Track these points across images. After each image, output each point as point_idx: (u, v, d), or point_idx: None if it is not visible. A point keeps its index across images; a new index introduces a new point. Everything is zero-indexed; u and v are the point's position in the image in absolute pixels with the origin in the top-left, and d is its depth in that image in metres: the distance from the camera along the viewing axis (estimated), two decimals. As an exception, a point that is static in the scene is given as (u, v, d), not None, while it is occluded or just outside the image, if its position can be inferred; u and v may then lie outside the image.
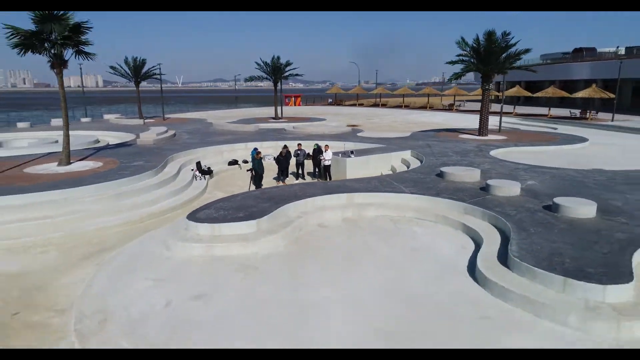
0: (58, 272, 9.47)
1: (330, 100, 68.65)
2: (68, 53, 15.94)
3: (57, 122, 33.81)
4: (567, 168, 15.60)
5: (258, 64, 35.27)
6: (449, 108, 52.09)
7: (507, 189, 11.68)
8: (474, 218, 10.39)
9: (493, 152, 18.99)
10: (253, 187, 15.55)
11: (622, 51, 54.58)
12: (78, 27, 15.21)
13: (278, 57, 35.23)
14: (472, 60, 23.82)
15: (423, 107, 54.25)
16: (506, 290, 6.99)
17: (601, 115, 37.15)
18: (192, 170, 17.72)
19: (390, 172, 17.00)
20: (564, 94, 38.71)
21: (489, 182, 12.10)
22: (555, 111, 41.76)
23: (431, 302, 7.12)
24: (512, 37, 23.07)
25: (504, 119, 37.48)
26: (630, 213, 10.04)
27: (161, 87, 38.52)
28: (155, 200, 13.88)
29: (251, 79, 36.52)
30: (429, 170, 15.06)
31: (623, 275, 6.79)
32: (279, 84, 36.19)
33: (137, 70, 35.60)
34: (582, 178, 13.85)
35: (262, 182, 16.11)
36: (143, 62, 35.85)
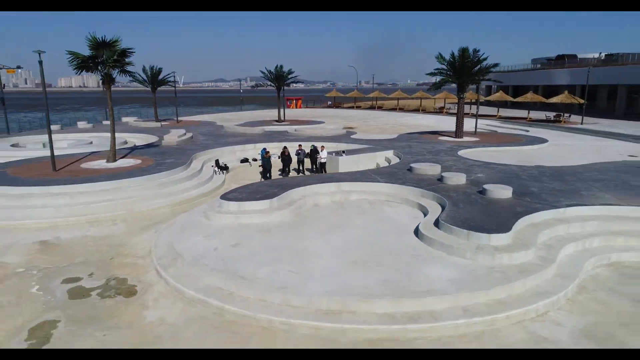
0: (130, 236, 13.47)
1: (329, 102, 72.68)
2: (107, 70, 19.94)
3: (82, 124, 37.90)
4: (513, 164, 19.57)
5: (263, 72, 39.27)
6: (440, 111, 55.99)
7: (456, 179, 15.65)
8: (426, 199, 14.35)
9: (461, 152, 22.95)
10: (262, 179, 19.55)
11: (604, 57, 58.45)
12: (124, 52, 19.22)
13: (281, 66, 39.28)
14: (449, 72, 27.77)
15: (416, 110, 58.19)
16: (432, 240, 10.96)
17: (574, 118, 41.06)
18: (212, 166, 21.71)
19: (374, 168, 20.95)
20: (541, 99, 42.67)
21: (444, 174, 16.06)
22: (536, 114, 45.71)
23: (385, 247, 11.06)
24: (483, 53, 27.11)
25: (486, 121, 41.62)
26: (537, 195, 13.99)
27: (175, 92, 42.41)
28: (187, 190, 17.87)
29: (257, 85, 40.48)
30: (403, 166, 19.01)
31: (503, 230, 10.76)
32: (280, 89, 40.22)
33: (154, 78, 39.61)
34: (520, 172, 17.80)
35: (270, 175, 20.13)
36: (159, 71, 39.88)
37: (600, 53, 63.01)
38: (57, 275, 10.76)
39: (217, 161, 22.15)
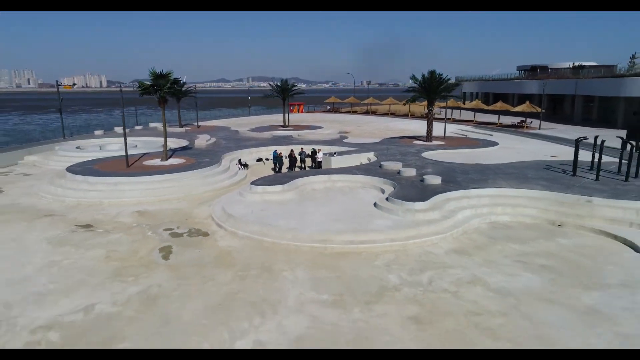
0: (192, 208, 20.95)
1: (328, 107, 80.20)
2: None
3: (118, 129, 45.41)
4: (457, 163, 26.97)
5: (271, 86, 46.83)
6: (426, 116, 63.28)
7: (409, 172, 23.09)
8: (386, 185, 21.79)
9: (424, 154, 30.37)
10: (274, 173, 27.03)
11: (572, 68, 65.74)
12: (175, 81, 26.76)
13: (286, 80, 46.80)
14: (421, 90, 35.20)
15: (406, 115, 65.59)
16: (382, 207, 18.42)
17: (536, 123, 48.38)
18: (237, 164, 29.21)
19: (358, 165, 28.36)
20: (509, 107, 50.07)
21: (401, 169, 23.52)
22: (507, 119, 53.10)
23: (354, 212, 18.50)
24: (447, 75, 34.55)
25: (462, 126, 49.06)
26: (459, 183, 21.40)
27: (196, 103, 49.81)
28: (222, 181, 25.34)
29: (266, 96, 47.99)
30: (377, 164, 26.46)
31: (423, 200, 18.22)
32: (285, 99, 47.72)
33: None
34: (458, 168, 25.22)
35: (280, 170, 27.63)
36: (183, 84, 47.34)
37: (573, 63, 70.55)
38: (158, 227, 18.26)
39: (239, 160, 29.71)
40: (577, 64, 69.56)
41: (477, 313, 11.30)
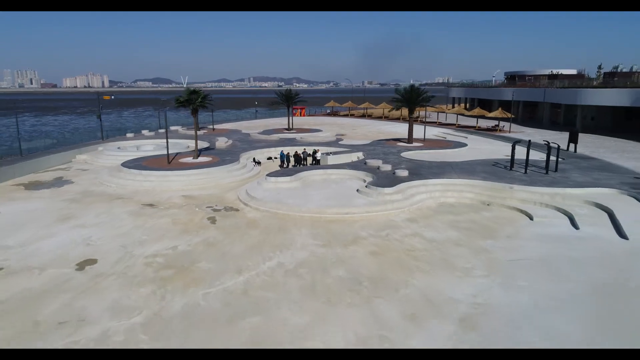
0: (223, 194, 28.44)
1: (328, 111, 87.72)
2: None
3: (146, 132, 52.98)
4: (427, 160, 34.39)
5: (277, 94, 54.36)
6: (415, 119, 70.69)
7: (385, 167, 30.56)
8: (367, 177, 29.25)
9: (403, 153, 37.77)
10: (281, 168, 34.54)
11: (548, 75, 73.06)
12: (206, 96, 34.29)
13: (290, 90, 54.32)
14: (403, 100, 42.65)
15: (397, 118, 72.99)
16: (362, 191, 25.93)
17: (509, 127, 55.73)
18: (252, 162, 36.69)
19: (349, 162, 35.79)
20: (485, 112, 57.45)
21: (380, 165, 30.99)
22: (485, 123, 60.46)
23: (341, 194, 25.95)
24: (425, 89, 41.94)
25: (444, 129, 56.30)
26: (421, 175, 28.84)
27: (212, 109, 57.12)
28: (242, 174, 32.84)
29: (273, 103, 55.48)
30: (364, 161, 33.91)
31: (391, 187, 25.70)
32: (289, 106, 55.22)
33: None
34: (426, 164, 32.65)
35: (287, 166, 35.14)
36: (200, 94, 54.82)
37: (552, 71, 77.93)
38: (201, 205, 25.73)
39: (254, 158, 37.22)
40: (555, 71, 77.03)
41: (411, 250, 18.76)
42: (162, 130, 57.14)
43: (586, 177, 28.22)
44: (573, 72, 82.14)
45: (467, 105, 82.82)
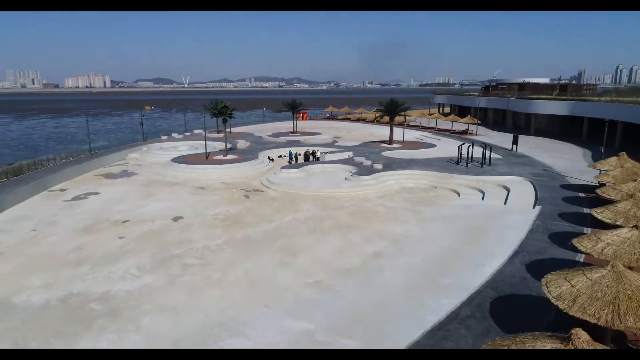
0: (250, 181, 40.28)
1: (327, 115, 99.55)
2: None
3: (175, 135, 64.87)
4: (399, 158, 46.14)
5: (284, 104, 66.20)
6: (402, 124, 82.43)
7: (366, 162, 42.39)
8: (353, 169, 41.05)
9: (383, 153, 49.51)
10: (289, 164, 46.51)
11: (518, 85, 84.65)
12: (233, 109, 46.17)
13: (295, 100, 66.16)
14: (385, 110, 54.43)
15: (387, 122, 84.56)
16: (348, 179, 37.79)
17: (479, 130, 67.37)
18: (267, 159, 48.51)
19: (341, 159, 47.51)
20: (458, 118, 69.16)
21: (362, 161, 42.83)
22: (459, 126, 72.17)
23: (334, 181, 37.74)
24: (404, 102, 53.73)
25: (425, 132, 68.00)
26: (392, 167, 40.56)
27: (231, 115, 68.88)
28: (261, 168, 44.68)
29: (280, 111, 67.30)
30: (352, 158, 45.68)
31: (369, 175, 37.51)
32: (294, 113, 67.01)
33: (221, 111, 66.33)
34: (397, 160, 44.39)
35: (296, 161, 47.08)
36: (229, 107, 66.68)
37: (524, 80, 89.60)
38: (237, 188, 37.47)
39: (268, 156, 49.07)
40: (526, 80, 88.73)
41: (375, 212, 30.51)
42: (189, 133, 69.16)
43: (508, 169, 40.04)
44: (546, 80, 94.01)
45: (450, 110, 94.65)
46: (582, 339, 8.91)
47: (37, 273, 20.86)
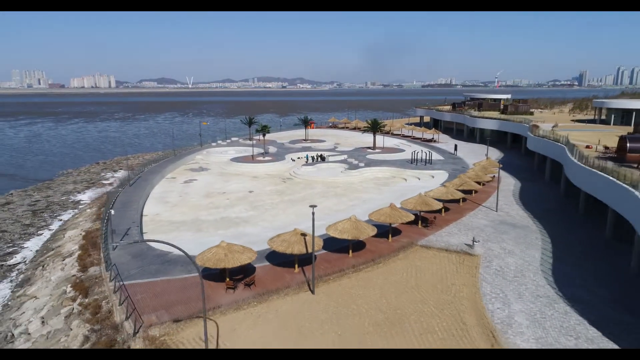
0: (282, 173, 67.56)
1: (330, 124, 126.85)
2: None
3: (220, 141, 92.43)
4: (377, 159, 73.11)
5: (299, 119, 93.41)
6: (388, 132, 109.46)
7: (355, 162, 69.57)
8: (346, 166, 68.13)
9: (368, 155, 76.46)
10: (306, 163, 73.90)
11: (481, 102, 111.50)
12: (269, 127, 73.46)
13: (307, 116, 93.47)
14: (370, 127, 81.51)
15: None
16: (342, 172, 65.03)
17: (442, 138, 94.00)
18: (291, 159, 75.69)
19: (340, 160, 74.39)
20: (426, 129, 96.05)
21: (353, 161, 70.01)
22: (429, 135, 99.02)
23: (334, 173, 64.83)
24: (383, 119, 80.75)
25: (401, 140, 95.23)
26: (371, 165, 67.51)
27: (250, 128, 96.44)
28: (289, 166, 71.91)
29: (295, 125, 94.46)
30: (345, 159, 72.72)
31: (355, 169, 64.78)
32: (306, 126, 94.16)
33: (250, 122, 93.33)
34: (375, 160, 71.41)
35: (312, 162, 74.53)
36: (267, 127, 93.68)
37: (486, 97, 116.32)
38: (276, 177, 64.62)
39: (291, 158, 76.40)
40: (488, 97, 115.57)
41: (357, 189, 57.61)
42: (235, 139, 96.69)
43: (440, 166, 67.08)
44: (507, 96, 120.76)
45: (429, 120, 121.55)
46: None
47: (201, 211, 48.01)
